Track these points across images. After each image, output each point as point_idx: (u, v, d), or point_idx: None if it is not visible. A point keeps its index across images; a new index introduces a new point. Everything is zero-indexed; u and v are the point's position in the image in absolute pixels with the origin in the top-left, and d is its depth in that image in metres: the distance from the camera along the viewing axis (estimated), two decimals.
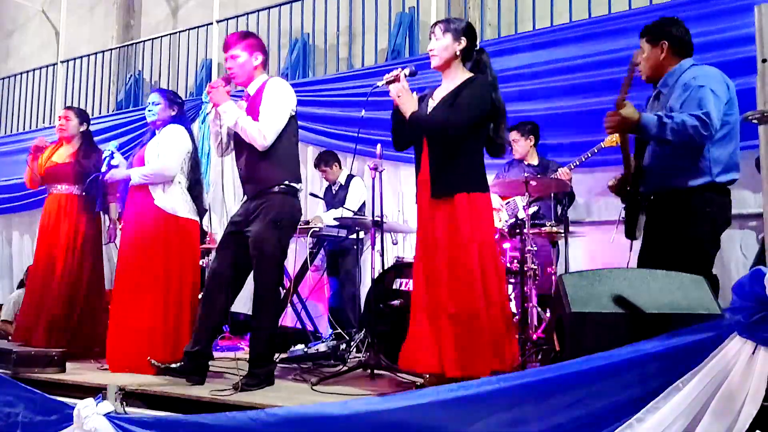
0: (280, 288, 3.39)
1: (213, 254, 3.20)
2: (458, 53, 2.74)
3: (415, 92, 2.82)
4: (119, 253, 3.67)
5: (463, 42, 2.74)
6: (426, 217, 2.73)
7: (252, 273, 3.02)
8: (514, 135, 4.34)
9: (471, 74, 2.77)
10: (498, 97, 2.75)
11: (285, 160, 3.04)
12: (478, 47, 2.82)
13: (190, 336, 3.15)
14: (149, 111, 3.66)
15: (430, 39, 2.79)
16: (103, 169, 3.83)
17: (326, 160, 5.09)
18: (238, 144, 3.11)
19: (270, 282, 3.00)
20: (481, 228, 2.62)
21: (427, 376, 2.75)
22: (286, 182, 3.02)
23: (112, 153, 3.84)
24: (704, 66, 2.72)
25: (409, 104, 2.73)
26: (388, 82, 2.80)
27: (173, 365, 2.98)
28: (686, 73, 2.69)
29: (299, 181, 3.11)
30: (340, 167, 5.15)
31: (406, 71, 2.80)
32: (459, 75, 2.76)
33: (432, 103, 2.77)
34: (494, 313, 2.57)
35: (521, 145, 4.36)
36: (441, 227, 2.65)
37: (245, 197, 3.13)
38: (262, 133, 2.95)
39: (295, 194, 3.08)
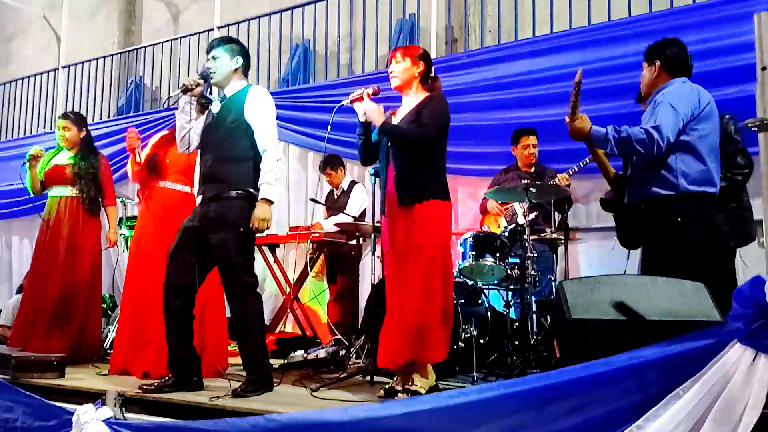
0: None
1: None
2: (417, 75, 2.98)
3: (381, 105, 3.01)
4: (134, 255, 3.64)
5: (422, 66, 2.98)
6: (390, 225, 2.92)
7: (222, 283, 3.03)
8: (533, 140, 4.34)
9: (428, 93, 2.99)
10: None
11: (253, 166, 3.02)
12: (433, 74, 3.04)
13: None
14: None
15: (390, 64, 3.03)
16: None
17: (333, 163, 5.09)
18: (207, 143, 3.11)
19: (245, 289, 2.98)
20: (435, 233, 2.81)
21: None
22: (249, 189, 3.01)
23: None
24: (684, 83, 2.79)
25: (377, 116, 2.93)
26: (353, 101, 3.02)
27: (166, 381, 2.97)
28: (665, 89, 2.77)
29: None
30: (345, 172, 5.16)
31: (369, 90, 3.01)
32: (418, 95, 2.99)
33: (395, 121, 2.97)
34: (433, 312, 2.74)
35: (537, 150, 4.37)
36: (401, 233, 2.85)
37: (200, 200, 3.09)
38: (277, 158, 3.01)
39: (253, 201, 3.02)
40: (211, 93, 3.26)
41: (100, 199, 4.20)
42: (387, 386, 2.88)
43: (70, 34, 8.02)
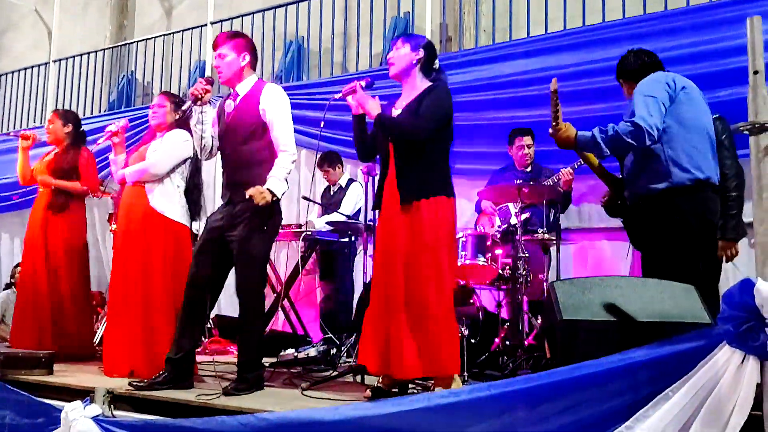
0: (268, 291, 3.37)
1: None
2: (415, 62, 2.84)
3: (377, 97, 2.90)
4: (113, 253, 3.64)
5: (421, 53, 2.85)
6: (390, 223, 2.78)
7: (235, 277, 3.01)
8: (528, 140, 4.32)
9: (431, 83, 2.86)
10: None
11: (272, 166, 3.03)
12: (437, 66, 2.91)
13: (169, 343, 3.08)
14: (154, 113, 3.62)
15: (390, 52, 2.92)
16: (102, 142, 3.77)
17: (331, 160, 5.06)
18: (226, 147, 3.09)
19: (257, 286, 3.00)
20: (442, 232, 2.69)
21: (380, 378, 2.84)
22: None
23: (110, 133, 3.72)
24: (652, 75, 2.80)
25: (372, 106, 2.82)
26: (346, 94, 2.89)
27: (157, 378, 2.95)
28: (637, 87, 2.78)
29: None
30: (343, 170, 5.15)
31: (362, 83, 2.90)
32: (419, 84, 2.86)
33: (395, 112, 2.85)
34: (447, 318, 2.64)
35: (533, 151, 4.35)
36: (405, 231, 2.72)
37: (224, 201, 3.09)
38: (292, 159, 3.00)
39: (278, 200, 3.05)
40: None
41: (67, 196, 4.13)
42: (374, 387, 2.83)
43: (62, 29, 7.96)
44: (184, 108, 3.17)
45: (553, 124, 2.68)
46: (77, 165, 4.13)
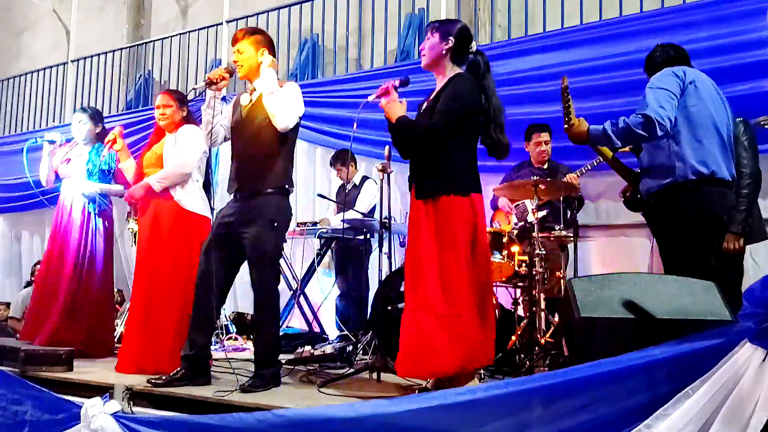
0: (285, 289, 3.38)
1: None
2: (445, 52, 2.73)
3: (403, 99, 2.81)
4: (137, 252, 3.66)
5: (451, 42, 2.72)
6: (413, 219, 2.74)
7: (250, 275, 3.02)
8: (545, 136, 4.28)
9: (457, 72, 2.74)
10: (490, 99, 2.71)
11: (285, 162, 3.06)
12: (474, 49, 2.79)
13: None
14: (162, 114, 3.64)
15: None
16: (105, 153, 3.86)
17: (344, 159, 5.06)
18: (238, 139, 3.11)
19: (272, 282, 3.02)
20: (453, 233, 2.59)
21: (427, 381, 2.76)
22: (284, 184, 3.04)
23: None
24: (664, 69, 2.81)
25: (395, 110, 2.73)
26: (378, 96, 2.81)
27: (175, 375, 2.97)
28: None
29: (293, 184, 3.14)
30: (356, 168, 5.15)
31: (396, 82, 2.80)
32: (448, 74, 2.74)
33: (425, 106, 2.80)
34: (427, 320, 2.55)
35: (550, 147, 4.30)
36: (424, 229, 2.65)
37: (234, 196, 3.10)
38: (291, 114, 2.96)
39: (288, 195, 3.10)
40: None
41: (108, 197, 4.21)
42: (421, 387, 2.77)
43: (79, 28, 8.05)
44: (195, 87, 3.19)
45: (566, 120, 2.69)
46: (113, 168, 4.16)
